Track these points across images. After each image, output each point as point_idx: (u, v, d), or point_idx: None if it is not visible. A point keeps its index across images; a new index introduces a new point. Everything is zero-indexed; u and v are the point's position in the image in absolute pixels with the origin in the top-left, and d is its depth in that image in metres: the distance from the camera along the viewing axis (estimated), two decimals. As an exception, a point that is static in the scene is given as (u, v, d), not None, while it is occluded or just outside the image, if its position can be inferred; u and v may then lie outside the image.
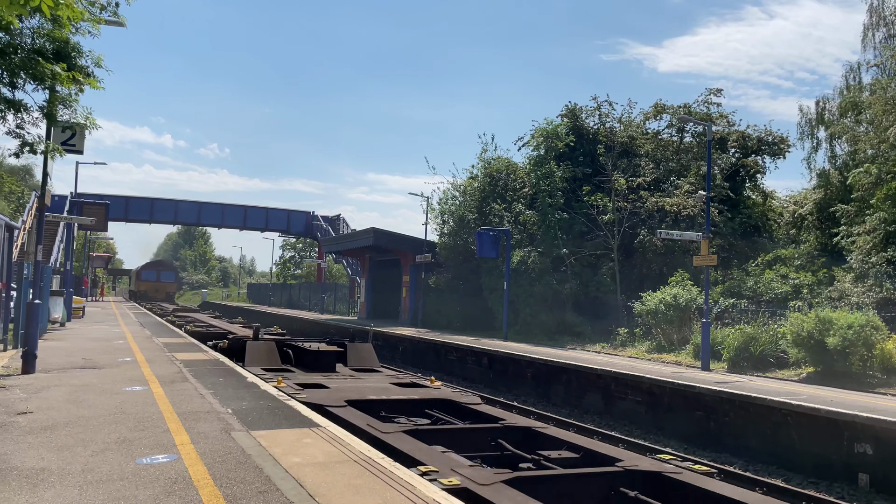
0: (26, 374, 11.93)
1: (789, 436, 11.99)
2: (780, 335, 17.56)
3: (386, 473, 6.05)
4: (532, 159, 29.91)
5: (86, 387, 10.64)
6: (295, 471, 6.04)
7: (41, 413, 8.47)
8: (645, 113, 30.60)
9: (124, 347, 17.19)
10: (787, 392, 13.27)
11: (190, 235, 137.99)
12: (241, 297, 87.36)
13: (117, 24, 11.41)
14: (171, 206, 56.69)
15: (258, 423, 8.09)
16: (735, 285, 22.41)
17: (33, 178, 56.31)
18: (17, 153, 10.66)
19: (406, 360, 26.10)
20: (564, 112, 30.37)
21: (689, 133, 29.71)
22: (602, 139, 28.48)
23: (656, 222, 25.58)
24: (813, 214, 26.77)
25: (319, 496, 5.34)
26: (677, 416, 14.36)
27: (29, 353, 12.22)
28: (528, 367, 19.60)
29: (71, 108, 10.71)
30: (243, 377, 12.26)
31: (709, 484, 6.67)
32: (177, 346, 17.73)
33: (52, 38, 9.63)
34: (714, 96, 29.18)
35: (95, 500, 5.16)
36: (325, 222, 58.42)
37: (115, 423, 7.92)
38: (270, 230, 60.53)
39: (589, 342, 24.00)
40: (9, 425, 7.72)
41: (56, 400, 9.43)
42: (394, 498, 5.36)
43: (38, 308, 13.10)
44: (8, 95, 9.73)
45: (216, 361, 14.72)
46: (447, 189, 33.38)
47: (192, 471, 5.98)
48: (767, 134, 28.85)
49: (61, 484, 5.55)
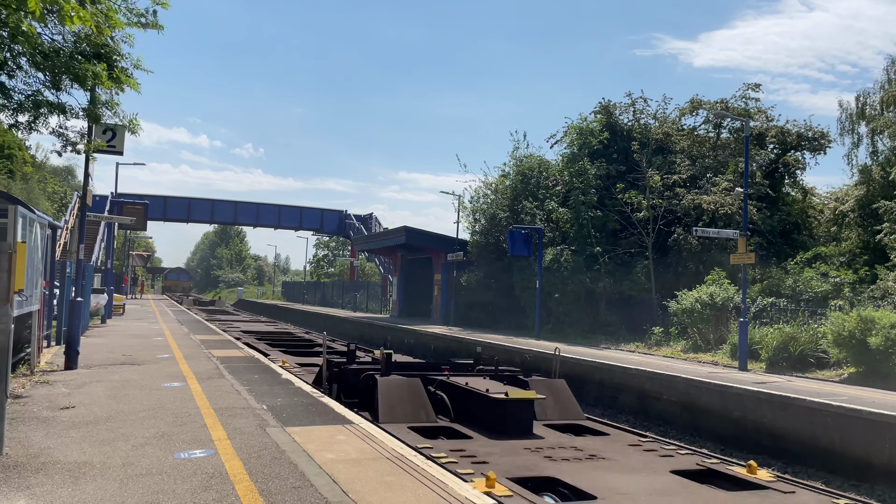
0: (69, 369, 12.25)
1: (829, 437, 11.73)
2: (820, 335, 17.16)
3: (418, 471, 6.07)
4: (565, 157, 29.68)
5: (126, 382, 10.89)
6: (328, 467, 6.10)
7: (83, 408, 8.69)
8: (680, 109, 30.14)
9: (163, 344, 17.54)
10: (828, 393, 12.97)
11: (226, 234, 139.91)
12: (275, 295, 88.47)
13: (154, 28, 11.63)
14: (207, 206, 57.60)
15: (292, 420, 8.19)
16: (773, 284, 21.96)
17: (75, 179, 57.76)
18: (60, 152, 10.96)
19: (438, 359, 26.16)
20: (598, 109, 30.07)
21: (727, 129, 29.17)
22: (636, 136, 28.13)
23: (692, 220, 25.19)
24: (854, 211, 26.08)
25: (352, 492, 5.39)
26: (714, 417, 14.15)
27: (71, 349, 12.54)
28: (560, 366, 19.46)
29: (112, 111, 10.96)
30: (278, 374, 12.41)
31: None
32: (213, 343, 18.04)
33: (93, 43, 9.86)
34: (752, 91, 28.62)
35: (135, 493, 5.28)
36: (357, 221, 58.82)
37: (154, 419, 8.09)
38: (304, 229, 61.13)
39: (623, 341, 23.76)
40: (52, 420, 7.94)
41: (97, 395, 9.67)
42: (426, 495, 5.38)
43: (80, 305, 13.44)
44: (51, 98, 10.00)
45: (251, 358, 14.94)
46: (479, 187, 33.34)
47: (228, 466, 6.08)
48: (807, 129, 28.18)
49: (102, 477, 5.69)
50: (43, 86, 9.85)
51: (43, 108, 9.77)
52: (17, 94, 9.76)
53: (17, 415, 8.06)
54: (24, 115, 9.85)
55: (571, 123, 29.64)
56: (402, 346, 28.22)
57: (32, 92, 9.84)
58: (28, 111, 9.80)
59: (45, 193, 47.90)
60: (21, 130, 10.13)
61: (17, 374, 11.17)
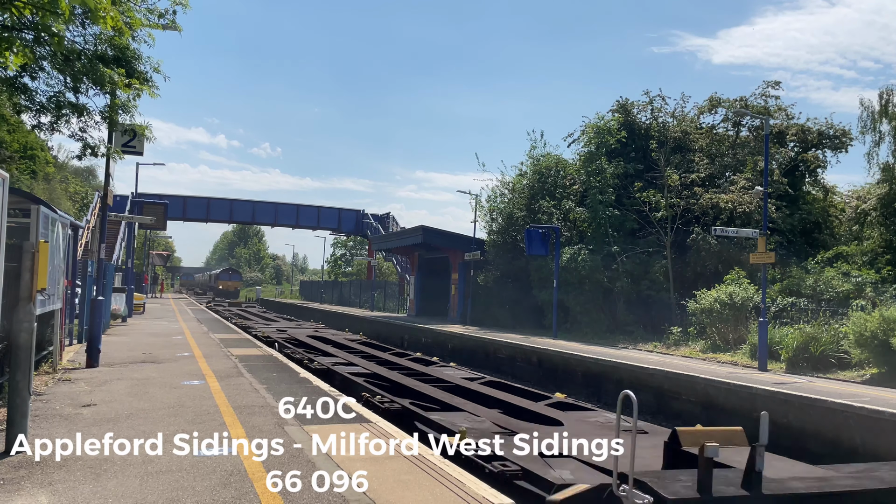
0: (90, 367, 12.41)
1: (852, 438, 11.58)
2: (841, 335, 16.93)
3: (435, 469, 6.08)
4: (582, 156, 29.55)
5: (146, 380, 11.01)
6: (346, 465, 6.13)
7: (104, 405, 8.80)
8: (699, 107, 29.87)
9: (182, 343, 17.70)
10: (850, 394, 12.81)
11: (244, 234, 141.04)
12: (293, 294, 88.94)
13: (173, 29, 11.74)
14: (226, 206, 58.00)
15: (310, 419, 8.24)
16: (794, 283, 21.70)
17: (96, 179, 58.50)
18: (80, 156, 11.07)
19: (455, 357, 26.20)
20: (616, 107, 29.89)
21: (746, 127, 28.87)
22: (654, 134, 27.94)
23: (710, 219, 24.97)
24: (877, 210, 25.69)
25: (370, 490, 5.41)
26: (733, 418, 14.02)
27: (93, 347, 12.70)
28: (577, 365, 19.41)
29: (129, 113, 11.07)
30: (296, 373, 12.49)
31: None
32: (232, 342, 18.18)
33: (113, 45, 9.98)
34: (772, 89, 28.31)
35: (156, 490, 5.33)
36: (374, 220, 58.93)
37: (175, 416, 8.17)
38: (322, 228, 61.34)
39: (641, 341, 23.61)
40: (74, 417, 8.04)
41: (118, 393, 9.79)
42: (442, 493, 5.39)
43: (101, 304, 13.61)
44: (72, 100, 10.13)
45: (269, 357, 15.04)
46: (496, 187, 33.28)
47: (247, 464, 6.13)
48: (829, 127, 27.81)
49: (123, 474, 5.76)
50: (65, 87, 9.98)
51: (65, 110, 9.91)
52: (40, 96, 9.91)
53: (40, 412, 8.18)
54: (47, 117, 10.00)
55: (589, 122, 29.49)
56: (420, 345, 28.27)
57: (54, 93, 9.98)
58: (50, 112, 9.94)
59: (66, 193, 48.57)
60: (43, 131, 10.27)
61: (39, 371, 11.34)
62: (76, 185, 53.11)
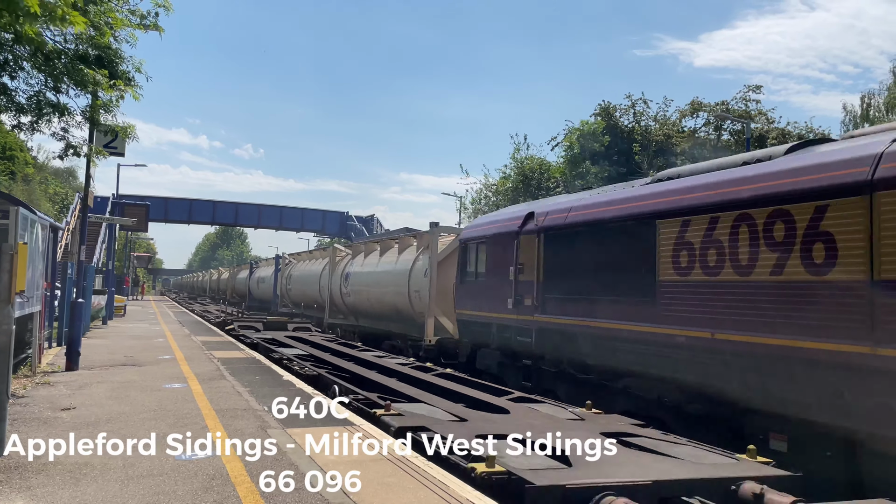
0: (70, 370, 12.26)
1: None
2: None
3: (419, 472, 6.07)
4: (566, 159, 29.75)
5: (127, 384, 10.90)
6: (329, 468, 6.10)
7: (84, 409, 8.69)
8: (681, 111, 30.20)
9: (164, 345, 17.54)
10: None
11: (227, 235, 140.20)
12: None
13: (155, 30, 11.65)
14: (209, 207, 57.66)
15: (293, 421, 8.19)
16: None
17: (77, 180, 57.83)
18: (62, 156, 10.95)
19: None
20: (598, 111, 30.11)
21: (727, 131, 29.21)
22: (637, 138, 28.17)
23: (693, 221, 25.20)
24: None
25: (353, 494, 5.39)
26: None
27: (72, 350, 12.55)
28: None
29: (112, 113, 10.97)
30: (279, 375, 12.42)
31: None
32: (214, 345, 18.04)
33: (95, 45, 9.87)
34: (753, 92, 28.70)
35: (136, 494, 5.28)
36: (358, 222, 58.85)
37: (156, 420, 8.09)
38: (306, 230, 61.20)
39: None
40: (53, 421, 7.94)
41: (98, 396, 9.68)
42: (427, 496, 5.38)
43: (81, 307, 13.46)
44: (52, 99, 10.02)
45: (252, 360, 14.94)
46: (480, 189, 33.41)
47: (229, 467, 6.09)
48: (809, 131, 28.21)
49: (103, 478, 5.69)
50: (45, 87, 9.88)
51: (46, 110, 9.80)
52: (19, 96, 9.80)
53: (19, 415, 8.07)
54: (27, 117, 9.88)
55: (572, 126, 29.71)
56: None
57: (34, 93, 9.87)
58: (30, 112, 9.82)
59: (46, 195, 48.01)
60: (24, 132, 10.16)
61: (18, 375, 11.18)
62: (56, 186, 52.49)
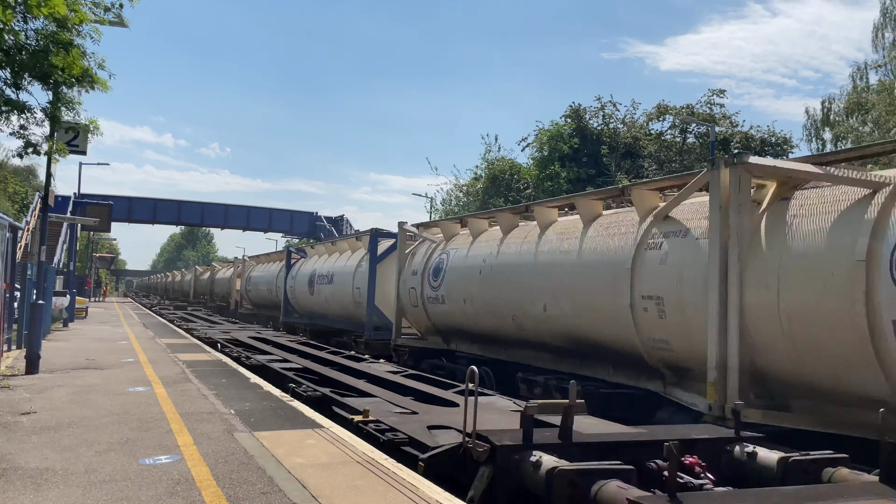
0: (30, 374, 11.97)
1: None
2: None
3: (388, 474, 6.05)
4: (536, 160, 29.98)
5: (89, 387, 10.67)
6: (298, 471, 6.05)
7: (45, 413, 8.49)
8: (648, 114, 30.64)
9: (127, 348, 17.23)
10: None
11: (193, 236, 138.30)
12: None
13: (120, 25, 11.44)
14: (174, 207, 56.79)
15: (261, 424, 8.10)
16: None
17: (37, 179, 56.44)
18: (21, 154, 10.68)
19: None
20: (568, 112, 30.39)
21: (693, 134, 29.72)
22: (606, 140, 28.51)
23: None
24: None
25: (322, 497, 5.35)
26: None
27: (32, 353, 12.26)
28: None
29: (74, 110, 10.73)
30: (246, 378, 12.28)
31: None
32: (179, 347, 17.77)
33: (56, 41, 9.64)
34: (717, 97, 29.24)
35: (99, 500, 5.17)
36: (328, 223, 58.50)
37: (119, 424, 7.94)
38: (274, 231, 60.64)
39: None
40: (13, 425, 7.74)
41: (60, 400, 9.46)
42: (396, 498, 5.36)
43: (41, 308, 13.15)
44: (12, 97, 9.76)
45: (218, 362, 14.75)
46: (451, 189, 33.49)
47: (194, 472, 5.99)
48: (770, 135, 28.83)
49: (65, 484, 5.57)
50: (4, 83, 9.62)
51: (4, 107, 9.55)
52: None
53: (-24, 421, 7.85)
54: (-16, 114, 9.63)
55: (542, 128, 29.94)
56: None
57: (-8, 89, 9.61)
58: (-12, 109, 9.57)
59: (5, 194, 46.77)
60: (-20, 129, 9.89)
61: (-25, 379, 10.87)
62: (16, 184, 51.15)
